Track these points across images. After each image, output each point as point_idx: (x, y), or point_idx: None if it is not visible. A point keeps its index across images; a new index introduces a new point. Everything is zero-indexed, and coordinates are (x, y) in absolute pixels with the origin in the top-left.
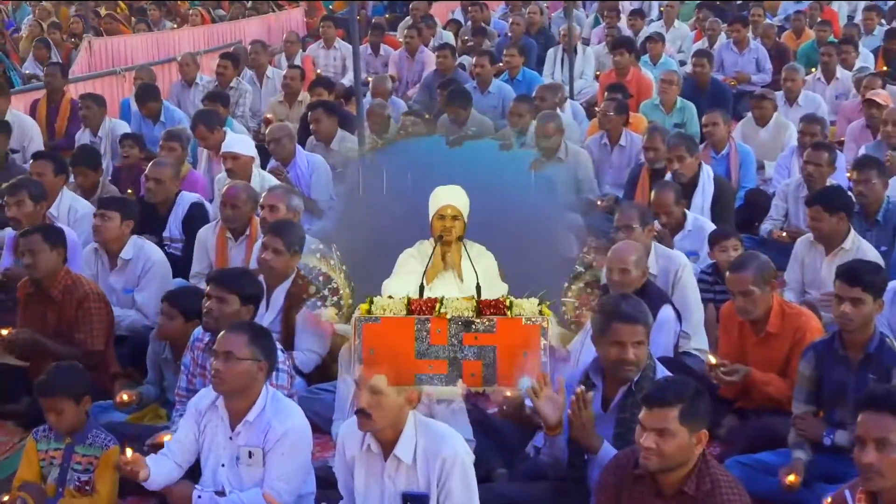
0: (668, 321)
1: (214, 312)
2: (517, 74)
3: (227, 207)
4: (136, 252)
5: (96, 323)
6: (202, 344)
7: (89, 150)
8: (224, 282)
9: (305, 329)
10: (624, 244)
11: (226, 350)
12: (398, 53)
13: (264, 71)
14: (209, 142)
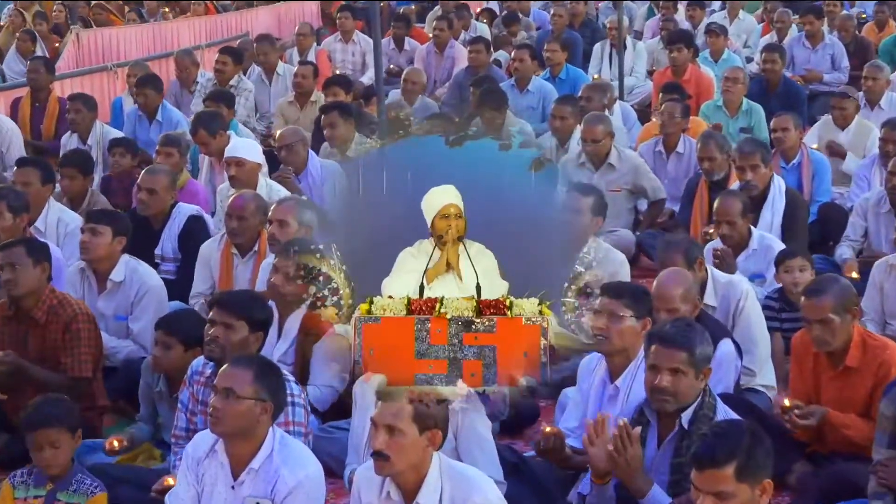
0: (727, 357)
1: (220, 340)
2: (560, 72)
3: (232, 219)
4: (129, 274)
5: (85, 347)
6: (203, 377)
7: (83, 153)
8: (231, 306)
9: (322, 361)
10: (669, 275)
11: (226, 386)
12: (425, 48)
13: (274, 67)
14: (211, 148)
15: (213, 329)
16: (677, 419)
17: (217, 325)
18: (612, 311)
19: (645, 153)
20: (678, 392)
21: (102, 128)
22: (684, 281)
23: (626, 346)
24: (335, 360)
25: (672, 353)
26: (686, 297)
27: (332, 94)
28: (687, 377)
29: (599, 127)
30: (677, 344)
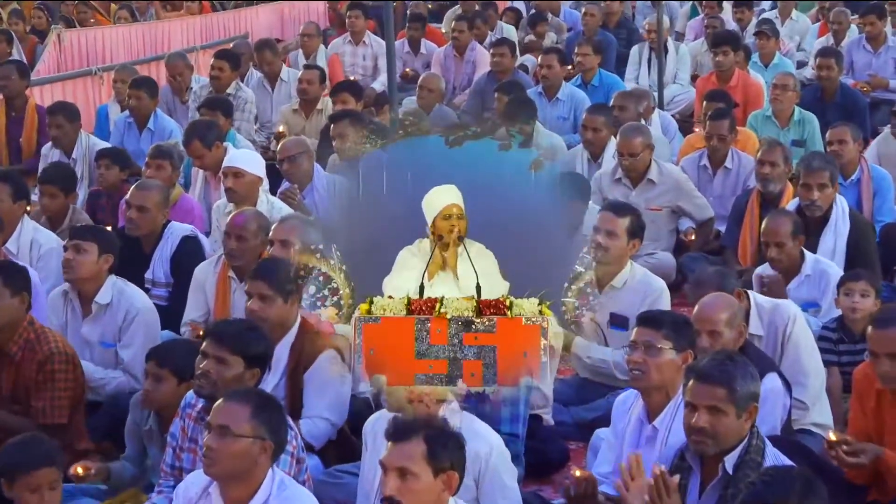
0: (773, 393)
1: (212, 376)
2: (592, 78)
3: (232, 239)
4: (117, 296)
5: (60, 391)
6: (194, 411)
7: (65, 169)
8: (226, 339)
9: (316, 391)
10: (713, 299)
11: (221, 424)
12: (443, 51)
13: (277, 72)
14: (206, 160)
15: (206, 363)
16: (721, 463)
17: (209, 359)
18: (650, 343)
19: (688, 168)
20: (717, 433)
21: (88, 139)
22: (730, 306)
23: (664, 382)
24: (330, 389)
25: (710, 390)
26: (731, 322)
27: (341, 102)
28: (727, 417)
29: (638, 139)
30: (715, 379)
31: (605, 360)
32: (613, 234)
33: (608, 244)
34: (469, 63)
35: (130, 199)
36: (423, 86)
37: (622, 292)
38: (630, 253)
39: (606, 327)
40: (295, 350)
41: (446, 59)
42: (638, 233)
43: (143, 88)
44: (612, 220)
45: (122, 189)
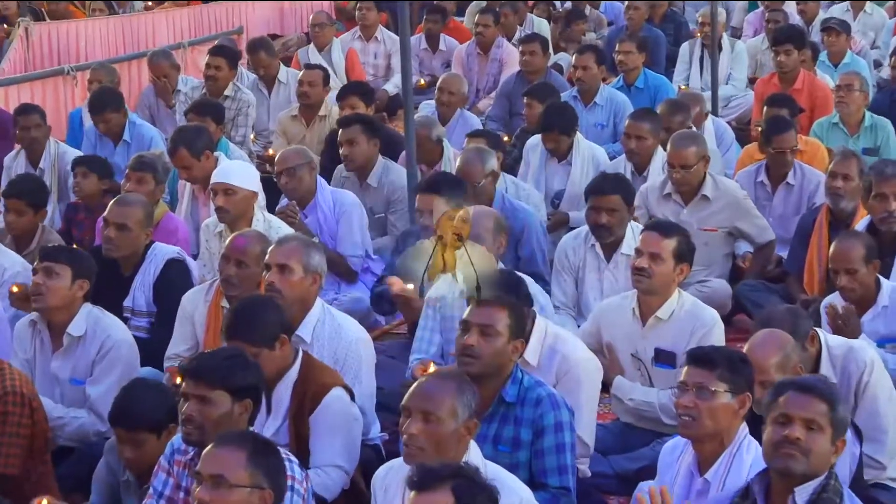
0: None
1: (196, 419)
2: (636, 79)
3: (231, 264)
4: (92, 327)
5: (11, 436)
6: (185, 458)
7: (34, 181)
8: (204, 373)
9: (324, 435)
10: (763, 338)
11: (215, 473)
12: (465, 48)
13: (275, 74)
14: (194, 172)
15: (188, 406)
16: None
17: (191, 400)
18: (702, 385)
19: (743, 183)
20: (811, 451)
21: (57, 147)
22: (782, 345)
23: (719, 429)
24: (340, 432)
25: (811, 402)
26: (783, 366)
27: (349, 107)
28: (824, 436)
29: (692, 149)
30: (818, 392)
31: (650, 403)
32: (658, 258)
33: (652, 269)
34: (495, 62)
35: (109, 216)
36: (442, 88)
37: (669, 325)
38: (677, 279)
39: (651, 364)
40: (297, 390)
41: (469, 58)
42: (686, 256)
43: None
44: (656, 242)
45: (101, 202)
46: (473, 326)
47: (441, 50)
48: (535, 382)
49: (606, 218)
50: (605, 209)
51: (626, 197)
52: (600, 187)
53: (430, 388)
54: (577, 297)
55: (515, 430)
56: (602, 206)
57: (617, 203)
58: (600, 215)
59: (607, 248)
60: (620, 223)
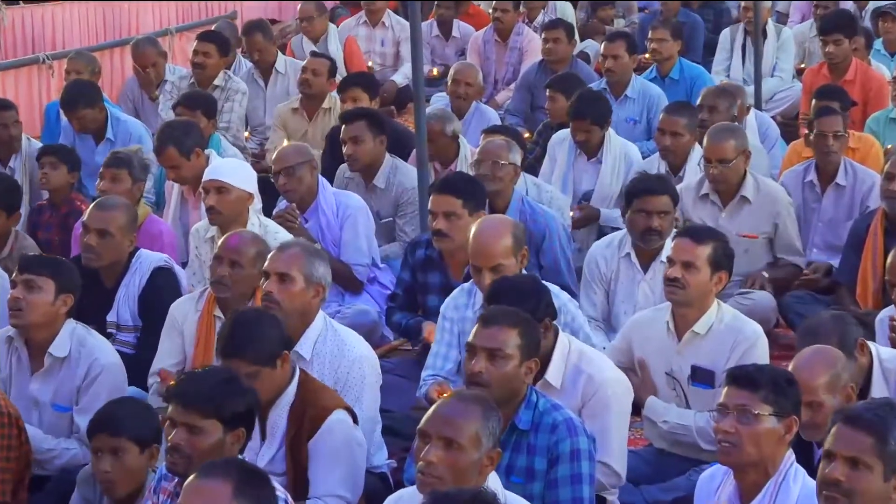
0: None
1: (184, 449)
2: (671, 69)
3: (224, 265)
4: (76, 348)
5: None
6: (171, 486)
7: (6, 181)
8: (194, 400)
9: (325, 462)
10: (810, 356)
11: None
12: (482, 35)
13: (272, 62)
14: (183, 172)
15: (175, 434)
16: None
17: (178, 427)
18: (744, 408)
19: (789, 184)
20: (855, 492)
21: (29, 144)
22: (831, 363)
23: (762, 457)
24: (343, 459)
25: (855, 437)
26: (833, 386)
27: (352, 99)
28: (872, 474)
29: (730, 142)
30: (864, 424)
31: (686, 426)
32: (692, 267)
33: (686, 279)
34: (515, 50)
35: (89, 222)
36: (457, 79)
37: (707, 340)
38: (715, 290)
39: (687, 383)
40: (295, 413)
41: (486, 46)
42: (724, 263)
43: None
44: (690, 249)
45: (70, 200)
46: (480, 350)
47: (455, 37)
48: (550, 406)
49: (658, 221)
50: (655, 212)
51: (674, 197)
52: (649, 187)
53: (452, 411)
54: (608, 310)
55: (529, 459)
56: (652, 209)
57: (668, 204)
58: (651, 219)
59: (644, 257)
60: (671, 227)
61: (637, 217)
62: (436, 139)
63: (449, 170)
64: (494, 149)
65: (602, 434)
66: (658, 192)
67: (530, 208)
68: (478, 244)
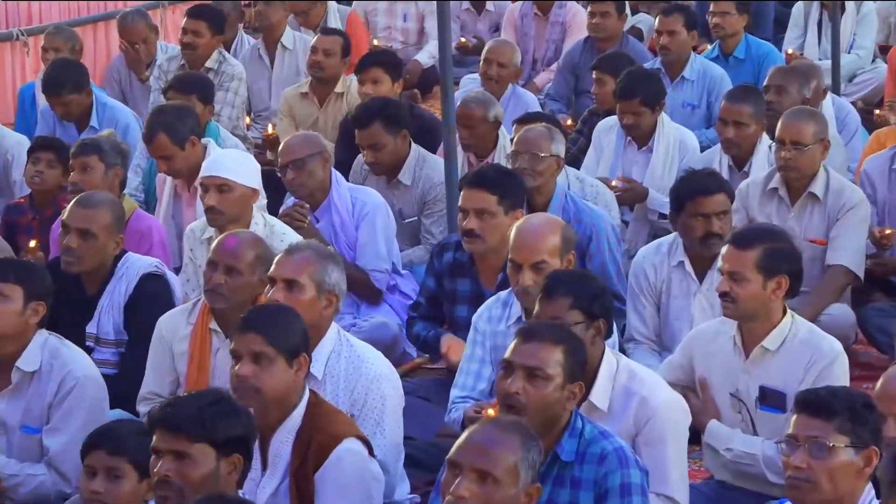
0: None
1: (173, 482)
2: (736, 47)
3: (219, 271)
4: (48, 360)
5: None
6: None
7: None
8: (180, 423)
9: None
10: None
11: None
12: (519, 8)
13: (279, 35)
14: (177, 164)
15: (163, 464)
16: None
17: (165, 457)
18: (817, 440)
19: (873, 173)
20: None
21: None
22: None
23: (839, 493)
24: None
25: None
26: None
27: (372, 81)
28: None
29: (810, 126)
30: None
31: (753, 455)
32: (740, 277)
33: (736, 292)
34: (556, 26)
35: (70, 220)
36: (489, 59)
37: (778, 357)
38: (775, 297)
39: (754, 406)
40: (301, 440)
41: (524, 20)
42: (780, 267)
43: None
44: (735, 257)
45: (57, 201)
46: (518, 368)
47: (488, 10)
48: (598, 434)
49: (718, 223)
50: (714, 213)
51: (730, 193)
52: (702, 186)
53: (488, 440)
54: (660, 325)
55: (573, 493)
56: (710, 211)
57: (726, 202)
58: (710, 222)
59: (700, 266)
60: (730, 227)
61: (693, 222)
62: (476, 126)
63: (485, 162)
64: (534, 138)
65: (660, 464)
66: (713, 191)
67: (575, 206)
68: (522, 238)
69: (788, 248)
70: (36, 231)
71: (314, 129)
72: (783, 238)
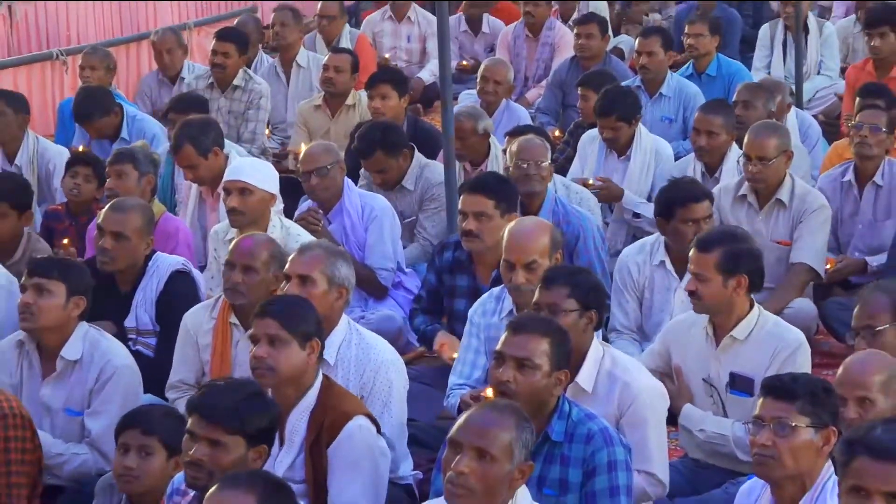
0: None
1: (206, 465)
2: (708, 66)
3: (236, 271)
4: (89, 350)
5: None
6: (184, 501)
7: (16, 180)
8: (218, 415)
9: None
10: (862, 358)
11: None
12: (512, 30)
13: (294, 55)
14: (201, 172)
15: (196, 447)
16: None
17: (200, 442)
18: (781, 420)
19: (827, 186)
20: None
21: (37, 142)
22: (888, 366)
23: (800, 469)
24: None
25: (889, 472)
26: (887, 387)
27: (380, 96)
28: None
29: (773, 140)
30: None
31: (724, 435)
32: (703, 278)
33: (700, 291)
34: (546, 46)
35: (104, 224)
36: (486, 76)
37: (746, 346)
38: (736, 295)
39: (725, 391)
40: (315, 418)
41: (516, 42)
42: (738, 266)
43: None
44: (697, 259)
45: (91, 210)
46: (509, 359)
47: (484, 32)
48: (585, 416)
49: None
50: (702, 219)
51: (712, 199)
52: (691, 194)
53: (486, 421)
54: (641, 319)
55: (563, 470)
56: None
57: (710, 207)
58: (699, 226)
59: (680, 264)
60: None
61: (684, 227)
62: (466, 137)
63: (480, 169)
64: (536, 149)
65: (643, 444)
66: (701, 199)
67: (564, 209)
68: (515, 240)
69: (747, 250)
70: (73, 236)
71: (326, 138)
72: (742, 240)
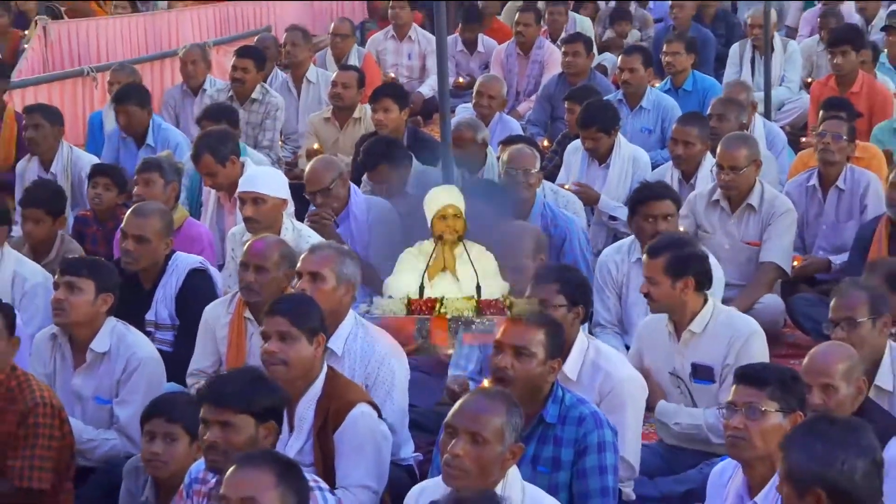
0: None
1: (220, 446)
2: (684, 81)
3: (249, 271)
4: (116, 344)
5: (43, 449)
6: (205, 487)
7: (51, 187)
8: (225, 398)
9: (351, 454)
10: (825, 349)
11: (246, 496)
12: (505, 49)
13: (304, 71)
14: (219, 179)
15: (210, 433)
16: None
17: (212, 426)
18: (752, 405)
19: (794, 192)
20: None
21: (71, 151)
22: (849, 356)
23: (770, 451)
24: (368, 451)
25: None
26: (849, 375)
27: (383, 109)
28: None
29: (743, 151)
30: None
31: (698, 426)
32: (653, 281)
33: (652, 292)
34: (536, 63)
35: (127, 228)
36: (481, 91)
37: (703, 338)
38: (684, 295)
39: (689, 381)
40: (322, 405)
41: (509, 59)
42: (684, 269)
43: (131, 101)
44: (648, 264)
45: (116, 215)
46: (507, 347)
47: (479, 51)
48: (577, 401)
49: (664, 225)
50: (661, 216)
51: (676, 201)
52: (652, 193)
53: (479, 407)
54: (622, 313)
55: (555, 450)
56: (658, 213)
57: (671, 207)
58: (657, 223)
59: None
60: (676, 229)
61: (644, 223)
62: (466, 146)
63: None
64: (526, 157)
65: (617, 429)
66: (661, 197)
67: (552, 213)
68: None
69: (692, 253)
70: (100, 240)
71: (335, 148)
72: (688, 245)
